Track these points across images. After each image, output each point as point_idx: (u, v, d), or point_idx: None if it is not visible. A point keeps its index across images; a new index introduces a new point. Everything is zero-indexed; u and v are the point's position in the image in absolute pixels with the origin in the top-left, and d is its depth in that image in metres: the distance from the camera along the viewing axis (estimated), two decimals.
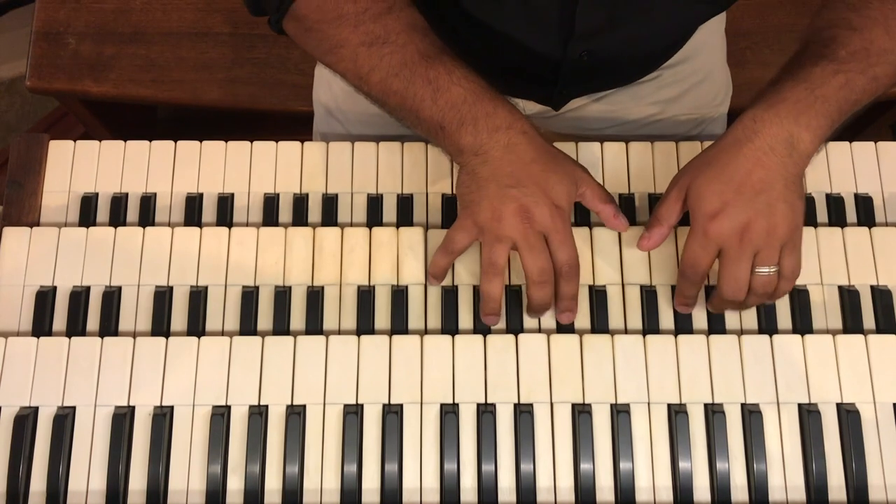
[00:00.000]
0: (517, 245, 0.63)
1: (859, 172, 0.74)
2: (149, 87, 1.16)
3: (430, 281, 0.68)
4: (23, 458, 0.61)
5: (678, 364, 0.64)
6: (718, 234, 0.61)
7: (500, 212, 0.62)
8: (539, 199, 0.62)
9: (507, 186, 0.62)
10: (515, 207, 0.62)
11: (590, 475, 0.62)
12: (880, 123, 1.40)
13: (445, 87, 0.63)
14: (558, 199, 0.63)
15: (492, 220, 0.63)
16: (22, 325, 0.67)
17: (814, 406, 0.63)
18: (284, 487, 0.62)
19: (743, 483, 0.62)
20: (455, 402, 0.64)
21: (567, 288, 0.64)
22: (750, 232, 0.60)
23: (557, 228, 0.63)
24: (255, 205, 0.73)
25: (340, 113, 0.90)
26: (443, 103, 0.63)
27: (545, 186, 0.63)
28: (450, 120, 0.63)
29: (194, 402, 0.63)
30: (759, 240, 0.61)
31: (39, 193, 0.73)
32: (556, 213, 0.62)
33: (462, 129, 0.63)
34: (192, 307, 0.67)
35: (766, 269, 0.62)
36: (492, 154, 0.63)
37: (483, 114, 0.63)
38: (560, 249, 0.63)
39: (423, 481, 0.62)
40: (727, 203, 0.61)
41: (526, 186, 0.62)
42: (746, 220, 0.60)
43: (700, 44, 0.87)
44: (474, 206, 0.64)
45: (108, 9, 1.18)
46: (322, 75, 0.94)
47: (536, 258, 0.62)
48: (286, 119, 1.19)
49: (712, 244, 0.62)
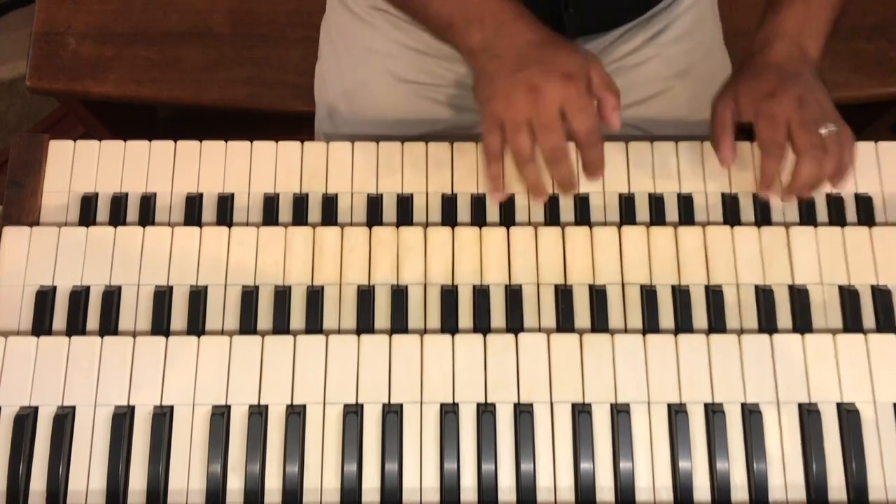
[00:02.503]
0: (531, 126, 0.63)
1: (859, 172, 0.74)
2: (149, 87, 1.16)
3: (493, 196, 0.68)
4: (23, 457, 0.61)
5: (678, 364, 0.64)
6: (781, 109, 0.66)
7: (511, 98, 0.63)
8: (547, 74, 0.62)
9: (514, 71, 0.63)
10: (524, 89, 0.62)
11: (590, 475, 0.62)
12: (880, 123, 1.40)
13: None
14: (568, 69, 0.63)
15: (506, 109, 0.63)
16: (22, 324, 0.67)
17: (814, 406, 0.63)
18: (284, 487, 0.62)
19: (743, 483, 0.62)
20: (455, 402, 0.64)
21: (589, 155, 0.65)
22: (805, 102, 0.66)
23: (570, 96, 0.62)
24: (255, 205, 0.73)
25: (341, 112, 0.90)
26: (451, 1, 0.65)
27: (553, 62, 0.63)
28: (458, 17, 0.65)
29: (194, 401, 0.63)
30: (814, 107, 0.66)
31: (39, 193, 0.73)
32: (569, 82, 0.62)
33: (470, 27, 0.65)
34: (191, 307, 0.67)
35: (830, 128, 0.66)
36: (499, 47, 0.64)
37: (490, 11, 0.65)
38: (576, 118, 0.62)
39: (423, 481, 0.62)
40: (778, 84, 0.67)
41: (532, 66, 0.63)
42: (800, 93, 0.67)
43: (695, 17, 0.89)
44: (490, 101, 0.64)
45: (108, 9, 1.18)
46: (323, 74, 0.94)
47: (548, 137, 0.62)
48: (286, 119, 1.19)
49: (780, 120, 0.66)
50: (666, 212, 0.73)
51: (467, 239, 0.70)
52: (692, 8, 0.90)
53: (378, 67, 0.88)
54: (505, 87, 0.63)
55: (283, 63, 1.17)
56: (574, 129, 0.63)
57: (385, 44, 0.88)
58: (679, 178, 0.74)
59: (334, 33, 0.93)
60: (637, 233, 0.70)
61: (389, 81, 0.88)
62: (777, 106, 0.66)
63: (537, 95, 0.62)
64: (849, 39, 1.16)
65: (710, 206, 0.73)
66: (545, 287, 0.68)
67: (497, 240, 0.70)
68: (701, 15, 0.92)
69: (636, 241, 0.70)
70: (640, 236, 0.70)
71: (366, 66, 0.89)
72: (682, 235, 0.70)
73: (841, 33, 1.15)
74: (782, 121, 0.66)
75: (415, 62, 0.88)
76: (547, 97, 0.62)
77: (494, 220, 0.73)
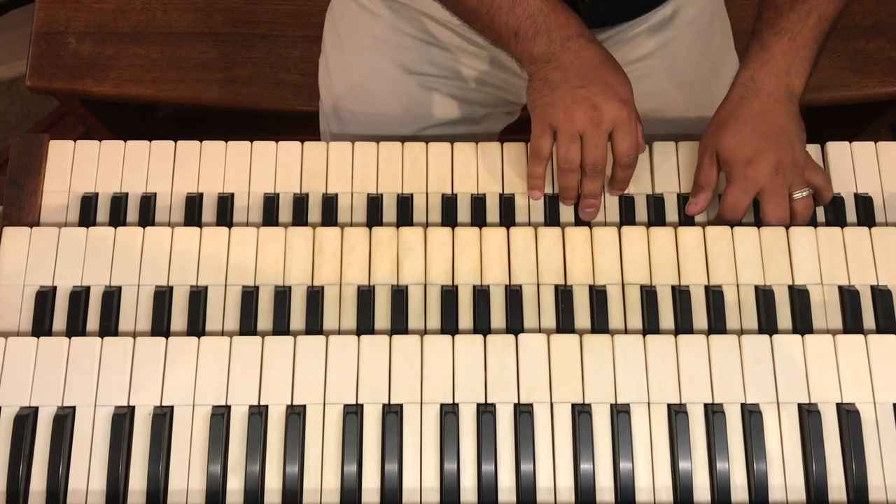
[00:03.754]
0: (583, 139, 0.68)
1: (859, 172, 0.74)
2: (149, 87, 1.16)
3: (532, 195, 0.73)
4: (23, 457, 0.61)
5: (678, 364, 0.64)
6: (757, 176, 0.69)
7: (571, 111, 0.67)
8: (608, 95, 0.67)
9: (578, 87, 0.67)
10: (586, 105, 0.67)
11: (590, 475, 0.62)
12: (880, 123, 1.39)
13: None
14: (625, 94, 0.68)
15: (564, 120, 0.68)
16: (22, 325, 0.67)
17: (814, 406, 0.63)
18: (284, 487, 0.62)
19: (743, 483, 0.62)
20: (455, 402, 0.64)
21: (623, 175, 0.71)
22: (782, 168, 0.69)
23: (624, 119, 0.68)
24: (255, 205, 0.73)
25: (347, 105, 0.90)
26: (520, 12, 0.68)
27: (612, 84, 0.68)
28: (525, 29, 0.68)
29: (194, 402, 0.63)
30: (790, 173, 0.69)
31: (39, 193, 0.73)
32: (624, 106, 0.67)
33: (536, 39, 0.68)
34: (192, 307, 0.67)
35: (803, 192, 0.70)
36: (563, 60, 0.68)
37: (556, 25, 0.68)
38: (624, 139, 0.68)
39: (423, 481, 0.62)
40: (758, 150, 0.69)
41: (595, 85, 0.67)
42: (777, 159, 0.69)
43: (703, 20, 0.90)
44: (549, 107, 0.69)
45: (108, 9, 1.18)
46: (328, 68, 0.93)
47: (594, 153, 0.68)
48: (286, 119, 1.19)
49: (752, 186, 0.70)
50: (666, 212, 0.73)
51: (467, 239, 0.70)
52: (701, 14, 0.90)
53: (385, 59, 0.88)
54: (566, 99, 0.68)
55: (284, 63, 1.17)
56: (619, 148, 0.69)
57: (392, 35, 0.88)
58: (679, 179, 0.75)
59: (340, 25, 0.93)
60: (637, 233, 0.70)
61: (396, 73, 0.88)
62: (754, 172, 0.69)
63: (596, 113, 0.67)
64: (849, 39, 1.16)
65: (711, 207, 0.73)
66: (545, 287, 0.68)
67: (497, 240, 0.70)
68: (710, 17, 0.91)
69: (636, 241, 0.70)
70: (640, 236, 0.70)
71: (372, 57, 0.89)
72: (682, 235, 0.70)
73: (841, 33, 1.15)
74: (752, 190, 0.70)
75: (422, 53, 0.88)
76: (604, 116, 0.67)
77: (494, 220, 0.73)
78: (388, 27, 0.88)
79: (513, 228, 0.70)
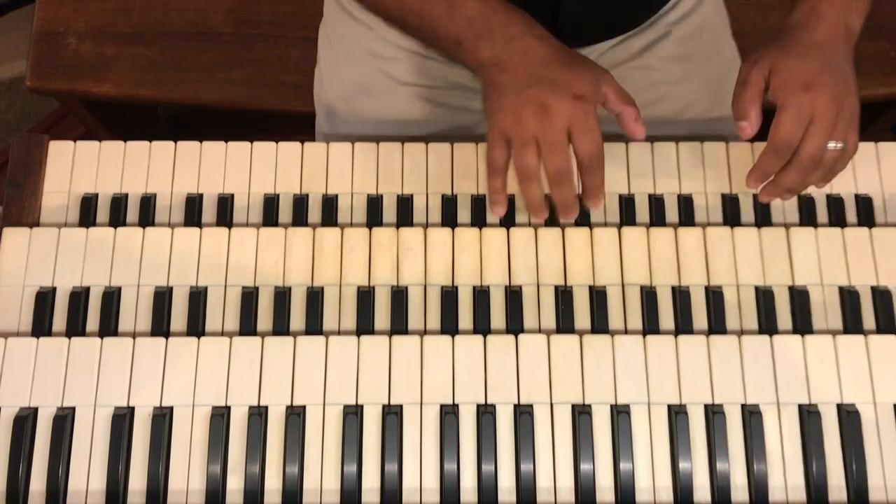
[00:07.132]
0: (538, 144, 0.62)
1: (859, 173, 0.74)
2: (149, 87, 1.16)
3: (494, 210, 0.68)
4: (22, 458, 0.61)
5: (678, 364, 0.64)
6: (815, 104, 0.63)
7: (520, 114, 0.62)
8: (557, 93, 0.62)
9: (525, 87, 0.63)
10: (534, 106, 0.62)
11: (590, 475, 0.62)
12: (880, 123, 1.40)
13: (460, 2, 0.64)
14: (579, 89, 0.62)
15: (514, 125, 0.63)
16: (22, 325, 0.67)
17: (814, 407, 0.63)
18: (284, 487, 0.62)
19: (743, 483, 0.62)
20: (455, 403, 0.64)
21: (590, 181, 0.64)
22: (836, 106, 0.63)
23: (578, 118, 0.62)
24: (255, 205, 0.73)
25: (341, 115, 0.90)
26: (458, 19, 0.65)
27: (563, 80, 0.63)
28: (466, 35, 0.65)
29: (194, 402, 0.63)
30: (839, 116, 0.64)
31: (39, 194, 0.73)
32: (577, 103, 0.62)
33: (479, 43, 0.65)
34: (191, 307, 0.67)
35: (838, 144, 0.64)
36: (510, 62, 0.64)
37: (498, 25, 0.64)
38: (581, 139, 0.62)
39: (423, 481, 0.62)
40: (818, 77, 0.64)
41: (543, 84, 0.62)
42: (836, 93, 0.64)
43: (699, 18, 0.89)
44: (498, 114, 0.64)
45: (108, 9, 1.18)
46: (322, 77, 0.94)
47: (554, 157, 0.62)
48: (286, 119, 1.19)
49: (807, 115, 0.63)
50: (666, 212, 0.73)
51: (467, 239, 0.70)
52: (696, 10, 0.90)
53: (377, 70, 0.88)
54: (514, 103, 0.63)
55: (283, 63, 1.17)
56: (578, 150, 0.63)
57: (383, 46, 0.88)
58: (679, 179, 0.74)
59: (332, 36, 0.93)
60: (637, 234, 0.70)
61: (388, 84, 0.88)
62: (809, 101, 0.63)
63: (546, 114, 0.62)
64: None
65: (710, 207, 0.73)
66: (545, 288, 0.68)
67: (497, 240, 0.70)
68: (706, 15, 0.91)
69: (636, 241, 0.70)
70: (640, 237, 0.70)
71: (364, 68, 0.89)
72: (682, 236, 0.70)
73: None
74: (806, 120, 0.64)
75: (414, 64, 0.88)
76: (556, 116, 0.62)
77: (494, 220, 0.73)
78: (381, 39, 0.88)
79: (513, 229, 0.70)
